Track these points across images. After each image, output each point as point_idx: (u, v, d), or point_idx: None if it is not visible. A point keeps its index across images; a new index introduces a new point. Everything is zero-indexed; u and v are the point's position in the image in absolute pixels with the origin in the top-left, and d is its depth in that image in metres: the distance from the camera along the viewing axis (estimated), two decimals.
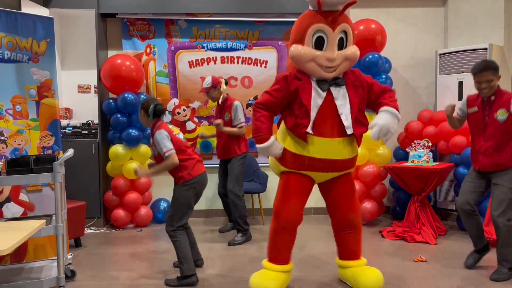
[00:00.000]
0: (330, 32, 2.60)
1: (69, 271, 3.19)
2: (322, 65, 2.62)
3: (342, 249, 3.01)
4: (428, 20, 5.29)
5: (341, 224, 2.95)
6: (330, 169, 2.77)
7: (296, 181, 2.82)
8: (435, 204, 4.99)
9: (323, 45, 2.62)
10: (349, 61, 2.67)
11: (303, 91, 2.66)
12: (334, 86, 2.68)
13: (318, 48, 2.63)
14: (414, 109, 5.22)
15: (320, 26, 2.59)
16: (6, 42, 3.19)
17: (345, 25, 2.64)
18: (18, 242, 1.95)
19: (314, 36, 2.61)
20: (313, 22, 2.60)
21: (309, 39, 2.62)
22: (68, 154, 2.81)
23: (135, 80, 4.66)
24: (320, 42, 2.62)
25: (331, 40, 2.61)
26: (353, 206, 2.93)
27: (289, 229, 2.84)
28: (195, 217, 5.18)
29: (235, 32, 5.11)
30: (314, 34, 2.61)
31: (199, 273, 3.29)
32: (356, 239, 2.98)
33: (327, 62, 2.61)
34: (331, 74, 2.66)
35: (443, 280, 3.12)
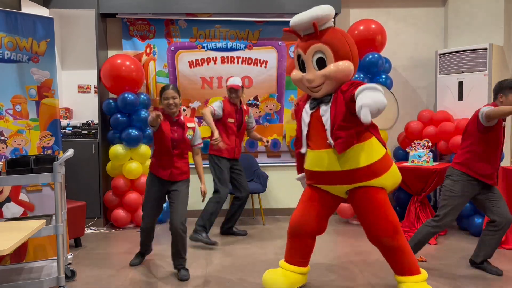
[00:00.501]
0: (303, 55, 2.73)
1: (69, 271, 3.19)
2: (306, 86, 2.76)
3: (389, 264, 2.80)
4: (428, 20, 5.30)
5: (376, 245, 2.76)
6: (330, 181, 2.73)
7: (312, 192, 2.87)
8: (435, 204, 5.00)
9: (304, 67, 2.76)
10: (329, 78, 2.63)
11: (297, 115, 2.92)
12: (322, 104, 2.74)
13: (303, 70, 2.78)
14: (414, 109, 5.23)
15: (298, 51, 2.77)
16: (6, 42, 3.19)
17: (318, 45, 2.64)
18: (18, 242, 1.95)
19: (299, 60, 2.78)
20: (296, 47, 2.83)
21: (296, 63, 2.83)
22: (68, 154, 2.81)
23: (135, 80, 4.66)
24: (301, 65, 2.78)
25: (307, 62, 2.72)
26: (378, 224, 2.66)
27: (297, 234, 2.86)
28: (195, 217, 5.17)
29: (235, 32, 5.11)
30: (298, 58, 2.79)
31: (199, 273, 3.30)
32: (400, 258, 2.71)
33: (307, 83, 2.73)
34: (318, 94, 2.74)
35: (443, 280, 3.12)
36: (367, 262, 3.53)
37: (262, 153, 5.24)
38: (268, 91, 5.18)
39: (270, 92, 5.19)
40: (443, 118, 4.69)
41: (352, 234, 4.41)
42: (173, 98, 3.18)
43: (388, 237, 2.66)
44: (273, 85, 5.18)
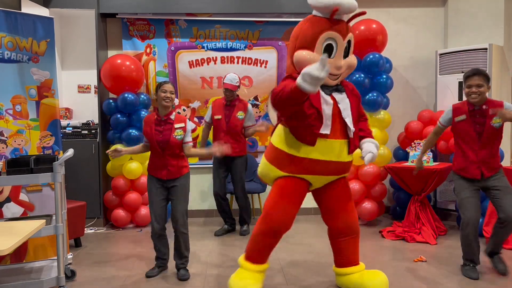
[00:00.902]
0: (340, 41, 2.60)
1: (69, 271, 3.19)
2: (330, 73, 2.54)
3: (341, 256, 2.94)
4: (428, 20, 5.30)
5: (339, 230, 2.89)
6: (330, 172, 2.74)
7: (293, 185, 2.75)
8: (435, 204, 5.00)
9: (331, 52, 2.60)
10: (350, 69, 2.71)
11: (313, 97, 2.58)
12: (335, 92, 2.69)
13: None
14: (414, 109, 5.23)
15: (332, 34, 2.57)
16: (6, 42, 3.19)
17: (351, 35, 2.68)
18: (18, 242, 1.95)
19: (325, 44, 2.58)
20: (325, 29, 2.56)
21: (320, 46, 2.58)
22: (68, 154, 2.81)
23: (135, 80, 4.66)
24: (328, 50, 2.60)
25: (340, 48, 2.61)
26: (351, 210, 2.89)
27: (278, 233, 2.77)
28: (195, 217, 5.19)
29: (235, 32, 5.11)
30: (325, 41, 2.58)
31: (199, 273, 3.30)
32: (355, 245, 2.93)
33: (335, 70, 2.60)
34: (335, 82, 2.68)
35: (443, 280, 3.12)
36: (367, 262, 3.52)
37: (262, 153, 5.23)
38: (268, 91, 5.18)
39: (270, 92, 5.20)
40: None
41: None
42: (170, 92, 3.15)
43: (357, 220, 2.92)
44: (273, 85, 5.17)
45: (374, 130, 4.62)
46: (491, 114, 3.11)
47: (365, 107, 4.65)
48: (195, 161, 5.16)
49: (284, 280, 3.17)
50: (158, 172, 3.18)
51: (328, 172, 2.74)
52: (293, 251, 3.83)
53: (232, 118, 4.29)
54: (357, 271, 2.91)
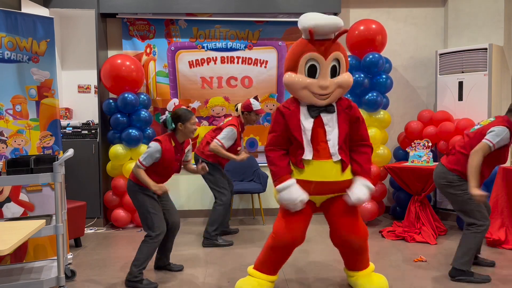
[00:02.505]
0: (322, 61, 2.62)
1: (69, 271, 3.19)
2: (315, 93, 2.64)
3: (348, 263, 2.97)
4: (428, 20, 5.30)
5: (343, 247, 2.88)
6: (325, 191, 2.76)
7: None
8: (435, 204, 5.00)
9: (316, 73, 2.64)
10: (341, 88, 2.69)
11: (291, 120, 2.70)
12: (324, 113, 2.70)
13: (311, 76, 2.65)
14: (414, 109, 5.23)
15: (312, 55, 2.61)
16: (6, 42, 3.18)
17: (338, 53, 2.65)
18: (18, 242, 1.95)
19: (307, 65, 2.64)
20: (305, 51, 2.62)
21: (302, 68, 2.65)
22: (68, 154, 2.81)
23: (135, 80, 4.66)
24: (313, 70, 2.65)
25: (324, 68, 2.63)
26: (355, 228, 2.81)
27: (287, 249, 2.82)
28: (195, 217, 5.19)
29: (235, 32, 5.11)
30: (306, 63, 2.64)
31: (199, 273, 3.30)
32: (362, 258, 2.90)
33: (320, 90, 2.63)
34: (324, 102, 2.68)
35: (443, 280, 3.12)
36: None
37: (262, 153, 5.24)
38: (268, 91, 5.18)
39: (270, 92, 5.19)
40: (443, 118, 4.69)
41: None
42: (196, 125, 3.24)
43: (361, 238, 2.83)
44: (273, 85, 5.18)
45: (374, 130, 4.63)
46: None
47: (365, 107, 4.66)
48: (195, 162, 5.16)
49: (284, 279, 3.17)
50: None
51: (324, 192, 2.76)
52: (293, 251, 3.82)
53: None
54: (363, 274, 2.91)
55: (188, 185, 5.19)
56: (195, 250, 3.92)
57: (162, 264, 3.39)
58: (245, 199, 5.26)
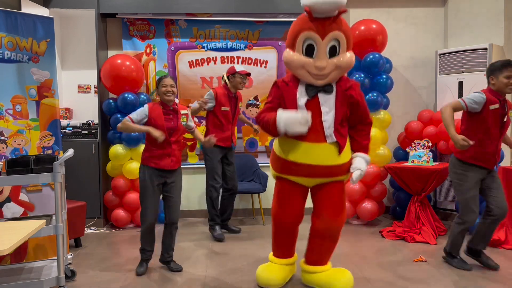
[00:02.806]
0: (319, 41, 2.53)
1: (69, 271, 3.19)
2: (312, 73, 2.58)
3: (312, 254, 2.96)
4: (428, 20, 5.30)
5: (320, 231, 2.87)
6: (317, 174, 2.72)
7: (289, 186, 2.84)
8: (435, 204, 5.00)
9: (313, 52, 2.57)
10: (340, 69, 2.61)
11: (288, 96, 2.68)
12: (322, 93, 2.64)
13: (309, 55, 2.58)
14: (414, 109, 5.23)
15: (309, 34, 2.53)
16: (6, 42, 3.18)
17: (337, 33, 2.54)
18: (18, 242, 1.94)
19: (305, 44, 2.57)
20: (303, 29, 2.54)
21: (299, 46, 2.58)
22: (68, 154, 2.81)
23: (135, 80, 4.66)
24: (310, 50, 2.57)
25: (321, 48, 2.54)
26: (337, 217, 2.82)
27: (288, 229, 2.92)
28: (195, 217, 5.19)
29: (235, 32, 5.11)
30: (304, 42, 2.56)
31: (199, 273, 3.30)
32: (330, 249, 2.96)
33: (316, 70, 2.56)
34: (321, 82, 2.62)
35: (443, 280, 3.12)
36: (367, 262, 3.53)
37: (262, 153, 5.24)
38: (268, 91, 5.14)
39: None
40: None
41: (352, 234, 4.41)
42: (171, 86, 3.22)
43: (340, 226, 2.87)
44: None
45: (374, 130, 4.63)
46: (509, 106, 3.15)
47: None
48: (195, 161, 5.16)
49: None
50: (161, 162, 3.21)
51: (315, 175, 2.73)
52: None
53: (238, 110, 4.37)
54: (324, 270, 2.94)
55: (188, 185, 5.19)
56: (195, 250, 3.92)
57: (164, 259, 3.43)
58: (245, 199, 5.26)
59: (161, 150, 3.20)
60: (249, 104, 5.13)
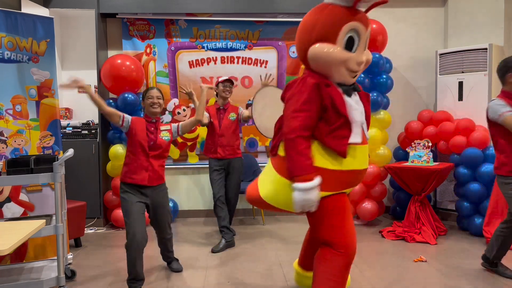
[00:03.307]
0: (363, 32, 2.23)
1: (69, 271, 3.19)
2: (351, 69, 2.24)
3: (308, 260, 2.73)
4: (428, 20, 5.30)
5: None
6: (360, 180, 2.42)
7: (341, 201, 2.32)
8: (435, 204, 5.00)
9: (353, 46, 2.23)
10: (367, 65, 2.36)
11: (336, 99, 2.21)
12: (353, 92, 2.33)
13: (347, 49, 2.23)
14: (414, 109, 5.23)
15: (356, 25, 2.19)
16: (6, 42, 3.19)
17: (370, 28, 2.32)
18: (18, 242, 1.95)
19: (347, 36, 2.20)
20: (349, 20, 2.18)
21: (342, 38, 2.19)
22: (68, 154, 2.81)
23: (135, 80, 4.66)
24: (350, 43, 2.22)
25: (362, 41, 2.25)
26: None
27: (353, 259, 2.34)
28: (195, 217, 5.19)
29: (235, 32, 5.11)
30: (347, 32, 2.20)
31: (199, 273, 3.30)
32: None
33: (356, 66, 2.24)
34: (353, 80, 2.31)
35: (443, 280, 3.12)
36: (367, 262, 3.53)
37: (262, 153, 5.24)
38: None
39: None
40: (443, 118, 4.69)
41: None
42: (157, 97, 3.10)
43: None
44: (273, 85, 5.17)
45: (374, 130, 4.64)
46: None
47: None
48: (195, 161, 5.16)
49: (284, 279, 3.17)
50: (137, 176, 2.98)
51: (359, 181, 2.42)
52: (293, 251, 3.83)
53: (225, 122, 4.13)
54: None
55: (188, 185, 5.20)
56: (195, 250, 3.92)
57: (164, 258, 3.44)
58: (245, 199, 5.25)
59: (139, 163, 2.99)
60: (248, 104, 5.13)
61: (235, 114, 4.18)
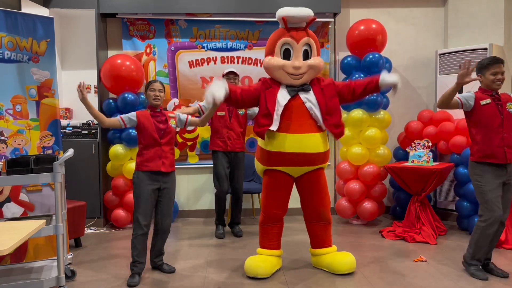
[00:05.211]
0: (295, 44, 3.07)
1: (69, 271, 3.19)
2: (290, 73, 3.06)
3: (314, 238, 3.34)
4: (428, 20, 5.30)
5: (312, 216, 3.29)
6: (301, 162, 3.09)
7: (275, 177, 3.18)
8: (435, 204, 5.00)
9: (290, 56, 3.08)
10: (313, 69, 3.10)
11: (269, 96, 3.07)
12: (301, 92, 3.08)
13: (286, 59, 3.08)
14: (414, 109, 5.23)
15: (286, 40, 3.07)
16: (6, 42, 3.19)
17: (308, 39, 3.10)
18: (18, 242, 1.94)
19: (282, 48, 3.08)
20: (281, 37, 3.09)
21: (278, 51, 3.09)
22: (68, 154, 2.81)
23: (135, 80, 4.66)
24: (287, 54, 3.08)
25: (296, 51, 3.07)
26: (324, 201, 3.25)
27: (274, 222, 3.25)
28: (195, 217, 5.19)
29: (235, 32, 5.11)
30: (282, 46, 3.08)
31: (199, 273, 3.30)
32: (327, 229, 3.30)
33: (293, 69, 3.05)
34: (298, 81, 3.08)
35: (443, 280, 3.12)
36: (367, 262, 3.53)
37: None
38: None
39: None
40: (443, 118, 4.69)
41: (352, 234, 4.41)
42: (159, 90, 3.23)
43: (328, 209, 3.29)
44: None
45: (374, 130, 4.64)
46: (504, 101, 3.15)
47: (365, 107, 4.66)
48: (195, 161, 5.16)
49: (284, 279, 3.17)
50: (154, 164, 3.15)
51: (300, 163, 3.10)
52: (293, 251, 3.83)
53: (234, 113, 4.32)
54: (329, 252, 3.30)
55: (188, 185, 5.20)
56: (195, 250, 3.92)
57: (155, 265, 3.38)
58: (245, 199, 5.25)
59: (152, 152, 3.16)
60: None
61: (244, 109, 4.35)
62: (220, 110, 4.26)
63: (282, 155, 3.05)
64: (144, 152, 3.19)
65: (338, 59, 5.17)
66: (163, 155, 3.18)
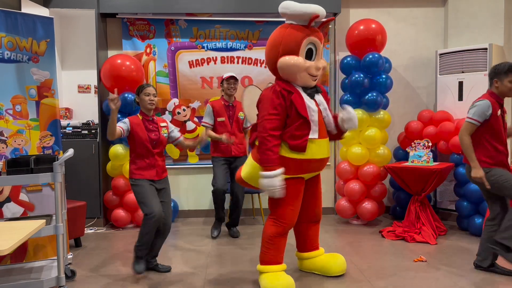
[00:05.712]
0: (319, 45, 2.93)
1: (69, 271, 3.19)
2: (312, 74, 2.89)
3: (304, 241, 3.26)
4: (428, 20, 5.30)
5: (310, 217, 3.22)
6: (320, 167, 3.03)
7: (296, 186, 2.95)
8: (435, 204, 5.00)
9: (312, 56, 2.90)
10: (323, 70, 3.04)
11: (298, 103, 2.82)
12: (316, 94, 2.98)
13: (307, 59, 2.88)
14: (414, 109, 5.23)
15: (312, 39, 2.86)
16: (6, 42, 3.19)
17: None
18: (18, 242, 1.94)
19: (307, 48, 2.87)
20: (306, 35, 2.84)
21: (303, 50, 2.85)
22: (68, 154, 2.81)
23: (135, 80, 4.66)
24: (309, 54, 2.89)
25: (319, 51, 2.94)
26: (320, 201, 3.27)
27: (288, 231, 3.02)
28: (195, 217, 5.19)
29: (235, 32, 5.11)
30: (307, 45, 2.86)
31: (199, 273, 3.31)
32: (316, 231, 3.29)
33: (316, 71, 2.90)
34: (314, 83, 2.97)
35: (443, 280, 3.12)
36: (367, 262, 3.53)
37: None
38: None
39: None
40: (443, 118, 4.69)
41: (352, 234, 4.41)
42: (153, 95, 3.24)
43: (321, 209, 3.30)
44: None
45: (374, 130, 4.64)
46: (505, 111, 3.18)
47: (365, 107, 4.67)
48: (195, 161, 5.16)
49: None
50: (148, 174, 3.20)
51: (319, 168, 3.04)
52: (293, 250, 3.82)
53: (235, 118, 4.34)
54: (318, 254, 3.27)
55: (188, 185, 5.20)
56: (195, 250, 3.92)
57: (150, 265, 3.36)
58: (245, 199, 5.25)
59: (146, 163, 3.20)
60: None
61: (243, 114, 4.31)
62: (220, 116, 4.28)
63: (311, 162, 2.90)
64: (137, 161, 3.21)
65: (338, 59, 5.17)
66: (156, 164, 3.24)
